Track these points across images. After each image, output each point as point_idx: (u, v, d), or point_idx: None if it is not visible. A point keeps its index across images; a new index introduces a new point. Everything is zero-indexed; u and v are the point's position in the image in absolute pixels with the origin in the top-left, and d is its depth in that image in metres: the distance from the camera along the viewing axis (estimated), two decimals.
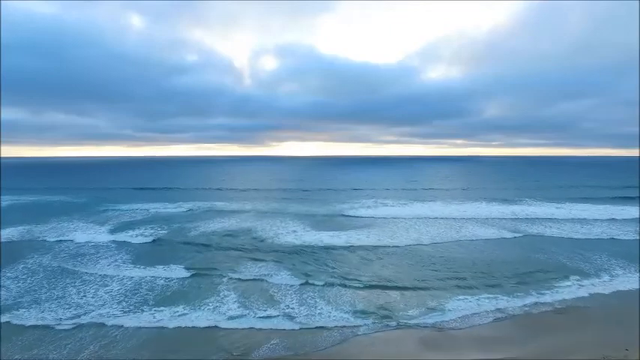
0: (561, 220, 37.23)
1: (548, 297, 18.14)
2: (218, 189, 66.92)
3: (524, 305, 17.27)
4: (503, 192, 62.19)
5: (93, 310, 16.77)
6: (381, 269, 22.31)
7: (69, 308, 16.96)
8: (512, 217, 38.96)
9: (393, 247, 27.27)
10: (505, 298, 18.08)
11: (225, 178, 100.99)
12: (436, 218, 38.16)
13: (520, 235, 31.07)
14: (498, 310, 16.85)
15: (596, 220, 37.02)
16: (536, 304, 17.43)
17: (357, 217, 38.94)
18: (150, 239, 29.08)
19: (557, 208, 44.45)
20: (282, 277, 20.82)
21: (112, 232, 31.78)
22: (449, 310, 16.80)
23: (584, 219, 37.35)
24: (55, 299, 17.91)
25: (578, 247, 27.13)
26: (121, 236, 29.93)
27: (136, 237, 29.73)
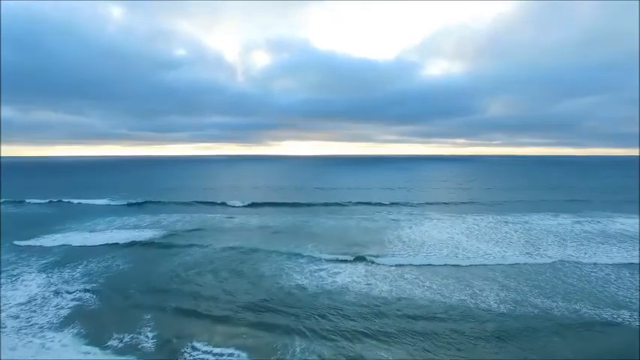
0: None
1: None
2: (210, 202, 52.76)
3: None
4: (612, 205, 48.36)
5: None
6: None
7: None
8: None
9: None
10: None
11: (220, 185, 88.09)
12: (560, 262, 23.56)
13: None
14: None
15: None
16: None
17: (414, 264, 24.92)
18: (76, 327, 16.18)
19: None
20: None
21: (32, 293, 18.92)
22: None
23: None
24: None
25: None
26: (32, 315, 16.84)
27: (57, 319, 16.63)
